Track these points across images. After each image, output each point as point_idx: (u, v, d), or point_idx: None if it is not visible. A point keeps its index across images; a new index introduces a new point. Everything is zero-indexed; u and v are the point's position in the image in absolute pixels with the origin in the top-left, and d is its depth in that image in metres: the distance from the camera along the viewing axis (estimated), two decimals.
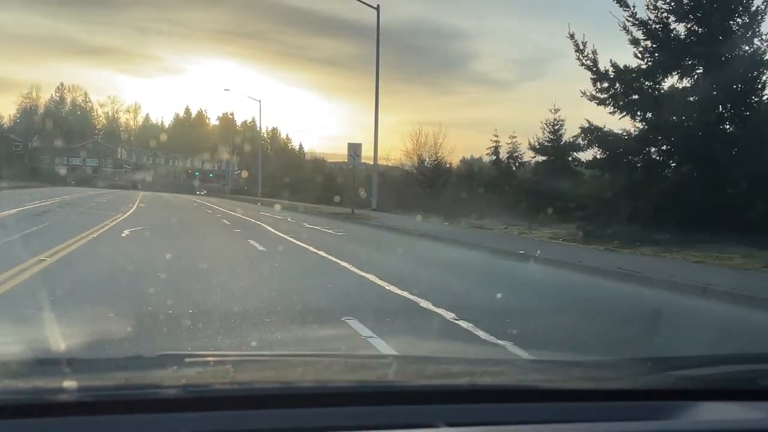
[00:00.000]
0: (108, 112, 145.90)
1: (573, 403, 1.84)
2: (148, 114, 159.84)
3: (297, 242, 18.07)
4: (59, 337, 5.88)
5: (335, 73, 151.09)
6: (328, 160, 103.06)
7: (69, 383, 1.68)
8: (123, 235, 18.07)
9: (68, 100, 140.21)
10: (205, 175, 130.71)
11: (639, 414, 1.79)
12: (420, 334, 7.21)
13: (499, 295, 9.95)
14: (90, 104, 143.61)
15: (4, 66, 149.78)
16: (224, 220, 28.62)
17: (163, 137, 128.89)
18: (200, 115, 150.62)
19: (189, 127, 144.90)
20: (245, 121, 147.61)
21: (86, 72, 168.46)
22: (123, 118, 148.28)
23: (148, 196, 62.45)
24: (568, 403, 1.84)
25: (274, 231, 22.18)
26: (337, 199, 44.45)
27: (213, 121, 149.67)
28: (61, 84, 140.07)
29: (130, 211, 31.21)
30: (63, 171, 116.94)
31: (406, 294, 9.27)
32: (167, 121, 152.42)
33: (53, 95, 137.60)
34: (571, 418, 1.75)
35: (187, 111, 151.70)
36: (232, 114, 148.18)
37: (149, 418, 1.60)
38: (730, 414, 1.84)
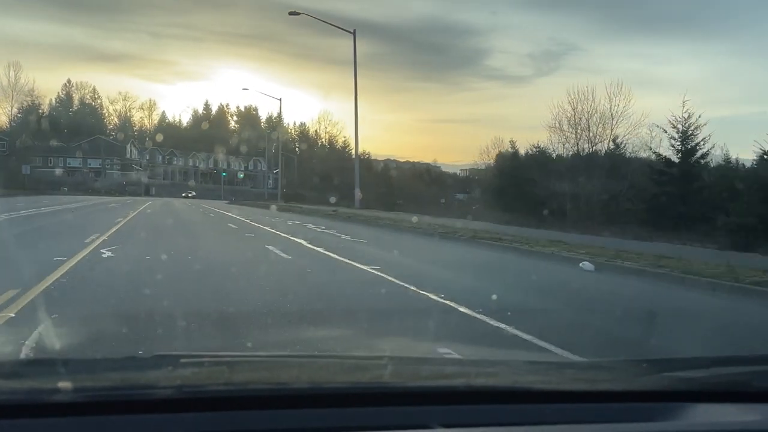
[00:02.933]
0: (119, 110, 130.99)
1: (568, 404, 1.84)
2: (164, 112, 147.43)
3: None
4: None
5: (349, 73, 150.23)
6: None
7: (64, 383, 1.67)
8: None
9: (76, 98, 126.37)
10: (233, 175, 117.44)
11: (634, 415, 1.80)
12: None
13: None
14: (99, 101, 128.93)
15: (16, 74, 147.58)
16: None
17: (164, 133, 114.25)
18: (221, 111, 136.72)
19: (210, 124, 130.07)
20: (270, 116, 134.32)
21: (100, 78, 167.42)
22: (137, 116, 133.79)
23: (149, 212, 38.22)
24: (563, 405, 1.84)
25: None
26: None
27: (233, 120, 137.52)
28: (68, 81, 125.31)
29: None
30: (59, 174, 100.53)
31: None
32: (185, 120, 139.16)
33: (59, 93, 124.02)
34: (566, 419, 1.75)
35: (207, 107, 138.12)
36: (255, 109, 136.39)
37: (144, 419, 1.60)
38: (725, 416, 1.85)
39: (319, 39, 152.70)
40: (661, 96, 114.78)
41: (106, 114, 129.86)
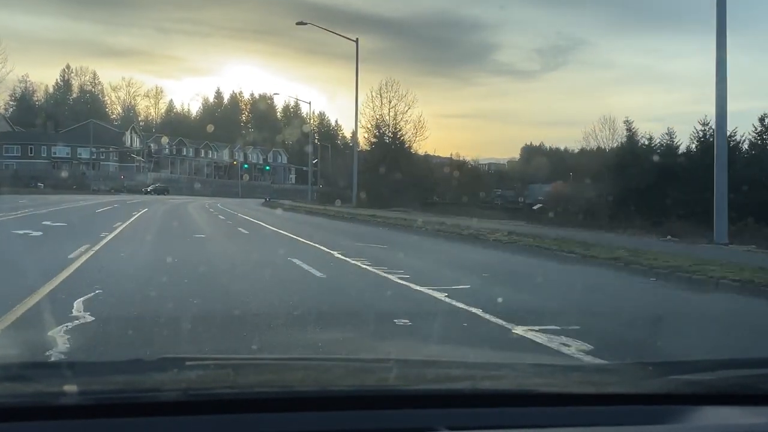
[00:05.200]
0: (123, 98, 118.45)
1: (574, 407, 1.84)
2: (171, 100, 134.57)
3: None
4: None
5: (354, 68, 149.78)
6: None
7: (70, 386, 1.68)
8: None
9: (75, 85, 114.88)
10: (257, 168, 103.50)
11: (640, 418, 1.79)
12: None
13: None
14: (101, 87, 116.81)
15: (26, 69, 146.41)
16: None
17: (172, 123, 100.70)
18: (234, 100, 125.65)
19: (221, 114, 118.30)
20: (287, 105, 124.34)
21: (107, 73, 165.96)
22: (142, 105, 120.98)
23: (140, 226, 22.60)
24: (569, 408, 1.83)
25: None
26: None
27: (246, 110, 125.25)
28: (67, 66, 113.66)
29: None
30: (42, 166, 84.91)
31: None
32: (194, 110, 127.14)
33: (57, 80, 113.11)
34: (572, 422, 1.74)
35: (219, 95, 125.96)
36: (271, 98, 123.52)
37: (150, 422, 1.60)
38: (731, 419, 1.84)
39: (325, 34, 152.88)
40: (672, 92, 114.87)
41: (109, 102, 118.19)
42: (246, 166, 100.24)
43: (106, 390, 1.79)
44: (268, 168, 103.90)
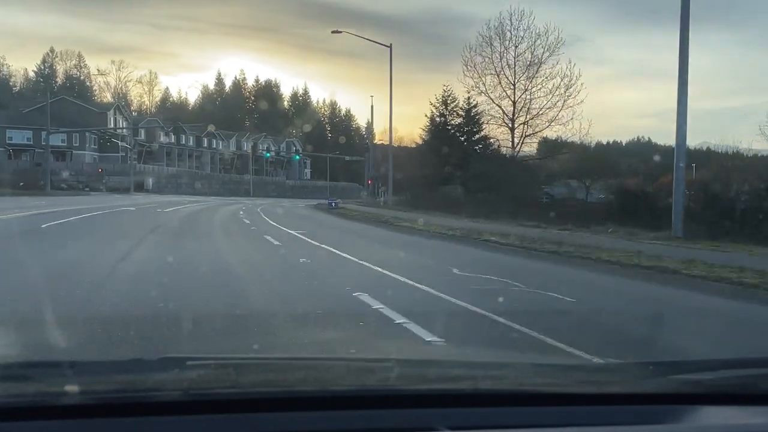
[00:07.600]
0: (112, 84, 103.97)
1: (575, 406, 1.84)
2: (167, 88, 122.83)
3: None
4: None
5: (355, 64, 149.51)
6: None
7: (71, 386, 1.68)
8: None
9: (60, 71, 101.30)
10: (268, 162, 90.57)
11: (641, 418, 1.79)
12: None
13: None
14: (87, 71, 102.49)
15: (24, 66, 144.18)
16: None
17: (168, 113, 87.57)
18: (237, 87, 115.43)
19: (223, 103, 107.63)
20: (296, 93, 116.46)
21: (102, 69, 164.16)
22: (134, 92, 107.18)
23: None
24: (570, 407, 1.83)
25: None
26: None
27: (251, 98, 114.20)
28: (51, 50, 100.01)
29: None
30: None
31: None
32: (192, 98, 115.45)
33: (40, 66, 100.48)
34: (573, 421, 1.75)
35: (220, 80, 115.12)
36: (277, 85, 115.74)
37: (151, 421, 1.60)
38: (732, 418, 1.84)
39: (323, 31, 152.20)
40: (669, 88, 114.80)
41: (97, 89, 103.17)
42: (268, 155, 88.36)
43: (107, 389, 1.79)
44: (297, 157, 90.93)
